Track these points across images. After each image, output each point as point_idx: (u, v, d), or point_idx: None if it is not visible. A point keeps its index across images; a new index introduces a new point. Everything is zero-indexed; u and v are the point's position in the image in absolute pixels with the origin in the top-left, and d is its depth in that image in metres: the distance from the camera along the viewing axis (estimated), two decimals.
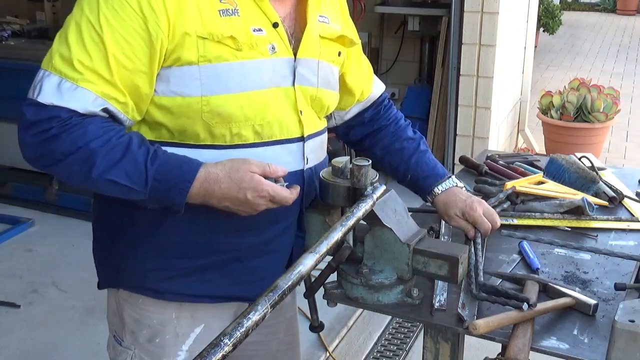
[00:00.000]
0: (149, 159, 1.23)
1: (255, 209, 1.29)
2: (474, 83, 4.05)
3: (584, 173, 1.94)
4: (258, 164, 1.28)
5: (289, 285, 1.05)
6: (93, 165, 1.21)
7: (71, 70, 1.21)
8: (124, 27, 1.22)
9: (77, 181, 1.25)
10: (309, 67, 1.40)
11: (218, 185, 1.26)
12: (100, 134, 1.22)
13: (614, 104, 5.06)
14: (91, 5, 1.23)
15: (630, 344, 1.21)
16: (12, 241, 3.86)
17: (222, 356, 0.92)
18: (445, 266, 1.33)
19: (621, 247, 1.68)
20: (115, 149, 1.22)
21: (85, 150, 1.21)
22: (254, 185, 1.26)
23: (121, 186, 1.23)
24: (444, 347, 1.44)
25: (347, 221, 1.23)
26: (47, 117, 1.21)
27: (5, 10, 4.83)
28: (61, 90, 1.21)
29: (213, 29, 1.25)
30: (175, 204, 1.26)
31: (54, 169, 1.25)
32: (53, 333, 3.01)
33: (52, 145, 1.21)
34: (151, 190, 1.24)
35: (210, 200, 1.28)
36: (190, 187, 1.25)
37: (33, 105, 1.22)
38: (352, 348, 2.97)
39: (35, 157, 1.25)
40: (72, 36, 1.22)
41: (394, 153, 1.67)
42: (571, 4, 14.59)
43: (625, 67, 9.06)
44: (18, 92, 4.15)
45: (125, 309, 1.43)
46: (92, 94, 1.21)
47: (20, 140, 1.26)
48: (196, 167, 1.26)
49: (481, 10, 3.93)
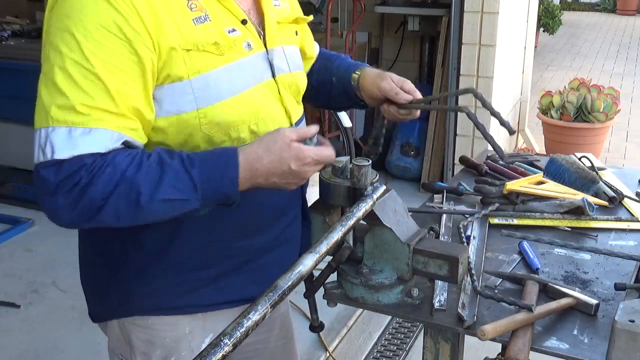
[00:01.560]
0: (187, 165, 1.18)
1: (304, 177, 1.27)
2: (474, 83, 4.05)
3: (584, 173, 1.94)
4: (291, 131, 1.26)
5: (289, 285, 1.05)
6: (139, 193, 1.15)
7: (77, 116, 1.14)
8: (113, 56, 1.16)
9: (128, 217, 1.17)
10: (279, 56, 1.39)
11: (260, 162, 1.23)
12: (129, 161, 1.16)
13: (614, 104, 5.06)
14: (70, 45, 1.15)
15: (630, 344, 1.21)
16: (12, 241, 3.86)
17: (222, 356, 0.92)
18: (445, 266, 1.33)
19: (621, 247, 1.68)
20: (152, 169, 1.17)
21: (124, 182, 1.15)
22: (296, 154, 1.24)
23: (173, 202, 1.17)
24: (444, 347, 1.44)
25: (347, 221, 1.23)
26: (72, 170, 1.13)
27: (5, 10, 4.83)
28: (74, 139, 1.14)
29: (195, 39, 1.22)
30: (230, 197, 1.22)
31: (100, 217, 1.16)
32: (53, 333, 3.01)
33: (88, 194, 1.14)
34: (202, 193, 1.19)
35: (257, 180, 1.24)
36: (238, 174, 1.21)
37: (51, 166, 1.14)
38: (352, 348, 2.97)
39: (74, 216, 1.16)
40: (62, 83, 1.14)
41: (321, 71, 1.68)
42: (571, 4, 14.59)
43: (625, 67, 9.06)
44: (18, 92, 4.19)
45: (133, 332, 1.38)
46: (109, 131, 1.16)
47: (52, 209, 1.16)
48: (234, 153, 1.22)
49: (481, 10, 3.93)
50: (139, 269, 1.33)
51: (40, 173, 1.15)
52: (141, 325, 1.37)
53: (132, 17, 1.16)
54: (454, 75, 4.10)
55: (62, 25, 1.16)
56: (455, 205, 1.91)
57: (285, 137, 1.24)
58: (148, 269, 1.33)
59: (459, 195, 1.96)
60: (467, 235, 1.69)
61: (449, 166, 4.29)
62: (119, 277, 1.35)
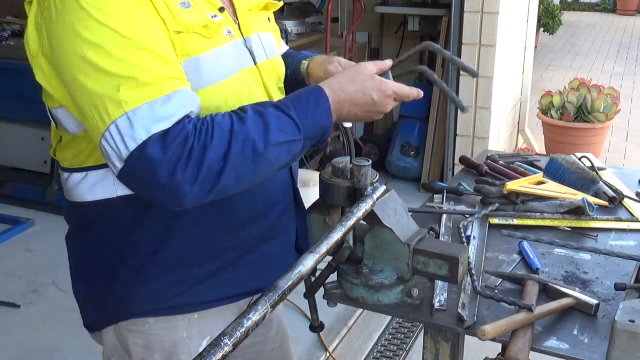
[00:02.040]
0: (283, 108, 1.21)
1: (384, 110, 1.32)
2: (474, 83, 4.05)
3: (584, 173, 1.94)
4: (372, 64, 1.32)
5: (289, 285, 1.05)
6: (254, 142, 1.15)
7: (150, 88, 1.10)
8: (145, 25, 1.14)
9: (247, 173, 1.17)
10: (256, 43, 1.39)
11: (345, 92, 1.28)
12: (229, 118, 1.16)
13: (614, 104, 5.06)
14: (105, 35, 1.11)
15: (630, 344, 1.21)
16: (12, 241, 3.86)
17: (222, 356, 0.92)
18: (445, 266, 1.33)
19: (621, 247, 1.68)
20: (255, 120, 1.17)
21: (236, 137, 1.14)
22: (377, 85, 1.30)
23: (284, 144, 1.20)
24: (444, 347, 1.44)
25: (347, 221, 1.23)
26: (180, 140, 1.09)
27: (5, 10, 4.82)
28: (160, 109, 1.10)
29: (185, 21, 1.21)
30: (327, 130, 1.26)
31: (222, 182, 1.13)
32: (53, 333, 3.01)
33: (207, 159, 1.11)
34: (305, 129, 1.22)
35: (342, 111, 1.28)
36: (330, 104, 1.25)
37: (155, 142, 1.08)
38: (352, 348, 2.97)
39: (196, 190, 1.12)
40: (116, 68, 1.10)
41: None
42: (571, 4, 14.59)
43: (625, 67, 9.06)
44: (18, 92, 4.18)
45: (129, 338, 1.37)
46: (184, 90, 1.15)
47: (172, 189, 1.10)
48: (319, 88, 1.27)
49: (481, 10, 3.94)
50: (135, 269, 1.32)
51: (147, 153, 1.08)
52: (139, 331, 1.36)
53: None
54: (454, 75, 4.11)
55: (85, 23, 1.12)
56: (455, 205, 1.91)
57: (368, 70, 1.31)
58: (145, 269, 1.32)
59: (459, 195, 1.96)
60: (467, 235, 1.69)
61: (449, 166, 4.29)
62: (115, 280, 1.33)
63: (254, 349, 1.57)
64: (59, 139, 1.34)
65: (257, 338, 1.56)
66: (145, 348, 1.37)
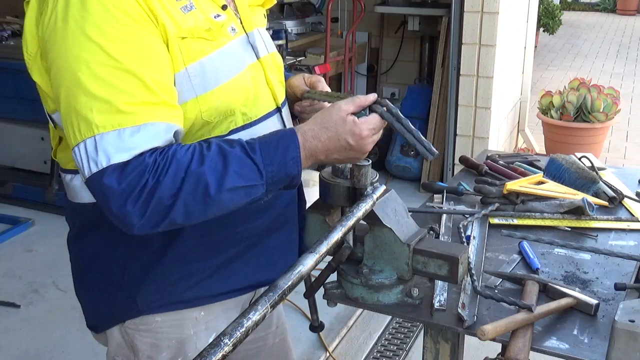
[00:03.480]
0: (249, 150, 1.19)
1: (364, 151, 1.28)
2: (474, 83, 4.05)
3: (584, 173, 1.94)
4: (347, 103, 1.26)
5: (289, 285, 1.05)
6: (207, 185, 1.14)
7: (122, 116, 1.11)
8: (136, 46, 1.14)
9: (198, 212, 1.17)
10: (258, 38, 1.40)
11: (318, 139, 1.24)
12: (190, 155, 1.15)
13: (614, 104, 5.06)
14: (91, 51, 1.12)
15: (630, 344, 1.21)
16: (12, 241, 3.86)
17: (222, 356, 0.92)
18: (445, 266, 1.33)
19: (621, 247, 1.68)
20: (215, 160, 1.16)
21: (190, 177, 1.13)
22: (350, 129, 1.24)
23: (241, 189, 1.18)
24: (444, 347, 1.44)
25: (347, 221, 1.23)
26: (136, 173, 1.11)
27: (5, 10, 4.82)
28: (127, 140, 1.11)
29: (188, 26, 1.22)
30: (294, 178, 1.23)
31: (171, 216, 1.14)
32: (53, 333, 3.01)
33: (157, 196, 1.12)
34: (267, 177, 1.20)
35: (319, 157, 1.26)
36: (300, 154, 1.22)
37: (112, 172, 1.10)
38: (352, 348, 2.97)
39: (145, 221, 1.14)
40: (95, 88, 1.11)
41: None
42: (571, 4, 14.58)
43: (625, 67, 9.06)
44: (18, 92, 4.18)
45: (136, 336, 1.37)
46: (157, 123, 1.13)
47: (121, 218, 1.13)
48: (291, 133, 1.24)
49: (481, 10, 3.93)
50: (145, 267, 1.32)
51: (104, 181, 1.11)
52: (146, 329, 1.36)
53: (134, 4, 1.15)
54: (454, 75, 4.10)
55: (75, 37, 1.13)
56: (455, 205, 1.91)
57: (341, 111, 1.25)
58: (155, 265, 1.32)
59: (459, 195, 1.96)
60: (467, 235, 1.69)
61: (449, 166, 4.28)
62: (124, 279, 1.33)
63: (256, 345, 1.58)
64: (58, 140, 1.35)
65: (258, 334, 1.58)
66: (152, 346, 1.37)
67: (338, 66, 4.81)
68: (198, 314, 1.38)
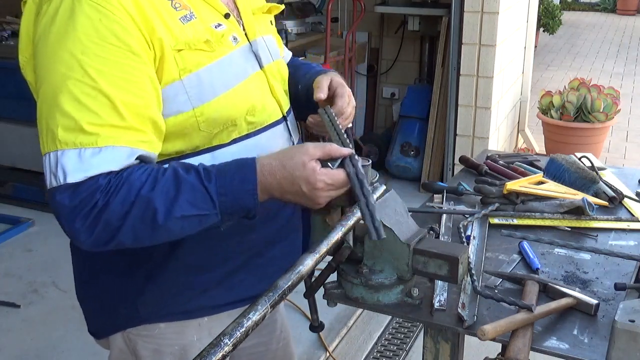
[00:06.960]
0: (203, 178, 1.15)
1: (316, 202, 1.20)
2: (474, 83, 4.05)
3: (584, 173, 1.94)
4: (315, 147, 1.18)
5: (289, 285, 1.05)
6: (155, 211, 1.12)
7: (85, 136, 1.10)
8: (116, 67, 1.12)
9: (146, 237, 1.15)
10: (262, 46, 1.39)
11: (274, 177, 1.17)
12: (144, 178, 1.13)
13: (614, 104, 5.06)
14: (69, 64, 1.11)
15: (630, 344, 1.21)
16: (12, 241, 3.87)
17: (222, 356, 0.92)
18: (445, 266, 1.33)
19: (621, 247, 1.68)
20: (167, 186, 1.13)
21: (140, 202, 1.11)
22: (306, 176, 1.16)
23: (191, 218, 1.14)
24: (444, 347, 1.44)
25: (347, 221, 1.23)
26: (87, 193, 1.10)
27: (5, 10, 4.82)
28: (86, 160, 1.10)
29: (186, 38, 1.20)
30: (250, 210, 1.18)
31: (119, 238, 1.13)
32: (53, 333, 3.01)
33: (105, 216, 1.11)
34: (221, 207, 1.15)
35: (273, 194, 1.19)
36: (256, 187, 1.16)
37: (65, 191, 1.11)
38: (352, 348, 2.97)
39: (93, 240, 1.13)
40: (65, 104, 1.10)
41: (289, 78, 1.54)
42: (571, 4, 14.58)
43: (625, 67, 9.06)
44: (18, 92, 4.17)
45: (139, 343, 1.36)
46: (120, 147, 1.12)
47: (71, 234, 1.14)
48: (252, 163, 1.17)
49: (481, 10, 3.94)
50: (147, 276, 1.31)
51: (56, 198, 1.12)
52: (148, 335, 1.36)
53: (126, 20, 1.13)
54: (454, 75, 4.11)
55: (57, 47, 1.13)
56: (455, 205, 1.91)
57: (305, 155, 1.17)
58: (157, 275, 1.31)
59: (459, 195, 1.96)
60: (467, 235, 1.69)
61: (449, 166, 4.29)
62: (127, 287, 1.33)
63: (259, 349, 1.58)
64: None
65: (262, 338, 1.57)
66: (155, 352, 1.37)
67: (338, 66, 4.81)
68: (201, 320, 1.37)
